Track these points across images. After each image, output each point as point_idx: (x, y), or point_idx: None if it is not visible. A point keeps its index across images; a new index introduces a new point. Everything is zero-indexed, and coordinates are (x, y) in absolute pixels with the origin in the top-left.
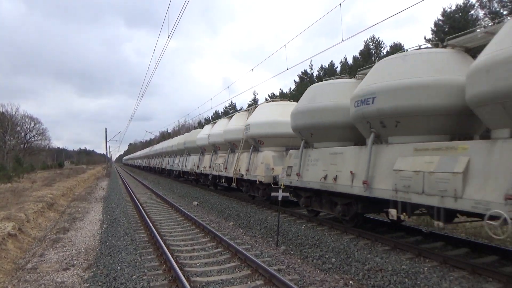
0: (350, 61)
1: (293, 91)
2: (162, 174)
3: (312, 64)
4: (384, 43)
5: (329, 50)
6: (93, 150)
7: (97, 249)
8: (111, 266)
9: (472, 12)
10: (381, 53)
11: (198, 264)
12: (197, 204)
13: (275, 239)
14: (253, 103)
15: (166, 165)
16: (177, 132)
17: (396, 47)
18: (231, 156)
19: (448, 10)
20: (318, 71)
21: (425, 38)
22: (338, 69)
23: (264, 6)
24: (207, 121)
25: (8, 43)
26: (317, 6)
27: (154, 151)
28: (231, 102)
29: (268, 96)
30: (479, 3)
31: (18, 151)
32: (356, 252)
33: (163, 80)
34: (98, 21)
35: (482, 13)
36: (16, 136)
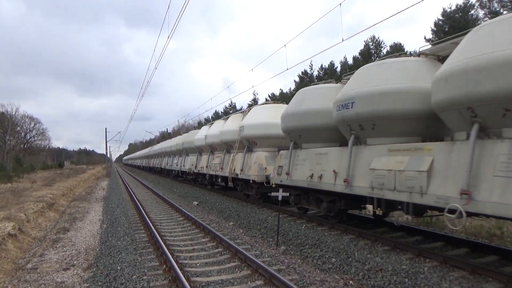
0: (350, 61)
1: (293, 91)
2: (162, 174)
3: (312, 64)
4: (384, 43)
5: (329, 50)
6: (93, 150)
7: (97, 249)
8: (111, 266)
9: (472, 12)
10: (381, 53)
11: (198, 264)
12: (197, 204)
13: (275, 239)
14: (253, 103)
15: (165, 165)
16: (177, 132)
17: (396, 47)
18: (227, 156)
19: (448, 10)
20: (318, 71)
21: (425, 38)
22: (338, 69)
23: (264, 6)
24: (207, 121)
25: (8, 43)
26: (317, 6)
27: (154, 151)
28: (231, 102)
29: (268, 96)
30: (479, 3)
31: (18, 151)
32: (356, 252)
33: (163, 80)
34: (98, 21)
35: (482, 13)
36: (16, 136)
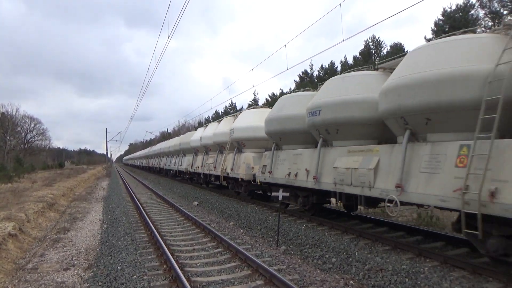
0: (351, 61)
1: (293, 91)
2: (161, 174)
3: (312, 64)
4: (384, 43)
5: (329, 50)
6: (94, 150)
7: (98, 249)
8: (112, 266)
9: (472, 12)
10: (382, 53)
11: (199, 264)
12: (198, 204)
13: (276, 239)
14: (254, 103)
15: (164, 165)
16: (177, 132)
17: (396, 47)
18: (220, 157)
19: (448, 10)
20: (319, 71)
21: (425, 38)
22: (339, 69)
23: (264, 6)
24: (208, 121)
25: (8, 43)
26: (317, 6)
27: (153, 152)
28: (231, 102)
29: (269, 96)
30: (479, 3)
31: (19, 151)
32: (357, 252)
33: (164, 80)
34: (98, 21)
35: (482, 13)
36: (17, 136)
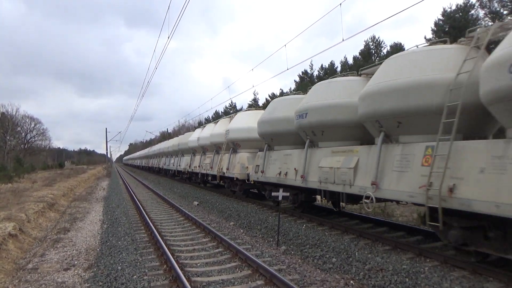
0: (351, 61)
1: (293, 91)
2: (160, 174)
3: (313, 64)
4: (384, 43)
5: (330, 50)
6: (94, 150)
7: (98, 249)
8: (112, 266)
9: (473, 12)
10: (382, 53)
11: (199, 264)
12: (198, 204)
13: (276, 239)
14: (254, 103)
15: (163, 165)
16: (178, 132)
17: (397, 47)
18: (216, 157)
19: (448, 10)
20: (319, 71)
21: (425, 38)
22: (339, 69)
23: (264, 6)
24: (208, 121)
25: (8, 43)
26: (317, 6)
27: (153, 152)
28: (232, 102)
29: (269, 96)
30: (479, 3)
31: (19, 151)
32: (357, 252)
33: (164, 80)
34: (98, 21)
35: (483, 13)
36: (17, 136)
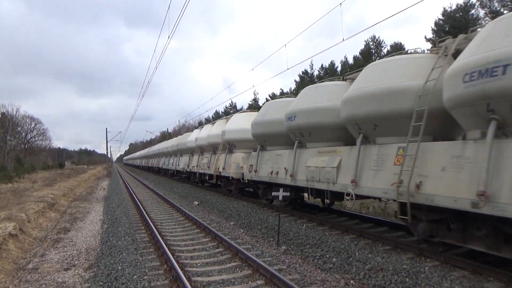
0: (351, 61)
1: (293, 91)
2: (160, 173)
3: (313, 64)
4: (385, 43)
5: (330, 50)
6: (94, 150)
7: (98, 249)
8: (112, 266)
9: (473, 12)
10: (382, 53)
11: (199, 264)
12: (198, 204)
13: (276, 239)
14: (254, 103)
15: (163, 165)
16: (178, 132)
17: (397, 47)
18: (213, 157)
19: (449, 10)
20: (319, 71)
21: (426, 38)
22: (339, 69)
23: (264, 6)
24: (208, 121)
25: (8, 43)
26: (317, 6)
27: (152, 152)
28: (232, 102)
29: (269, 96)
30: (480, 3)
31: (19, 151)
32: (357, 252)
33: (164, 80)
34: (98, 21)
35: (483, 13)
36: (17, 136)
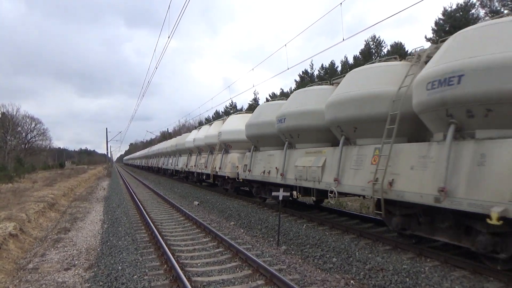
0: (351, 61)
1: (294, 91)
2: (159, 173)
3: (313, 64)
4: (385, 42)
5: (330, 50)
6: (94, 150)
7: (98, 249)
8: (112, 266)
9: (473, 11)
10: (382, 52)
11: (199, 264)
12: (198, 204)
13: (276, 239)
14: (254, 103)
15: (162, 165)
16: (178, 132)
17: (397, 46)
18: (210, 157)
19: (449, 9)
20: (319, 71)
21: (426, 38)
22: (339, 69)
23: (264, 6)
24: (208, 121)
25: (8, 43)
26: (317, 6)
27: (152, 152)
28: (232, 102)
29: (269, 96)
30: (480, 2)
31: (19, 151)
32: (357, 252)
33: (164, 80)
34: (98, 21)
35: (483, 12)
36: (17, 136)
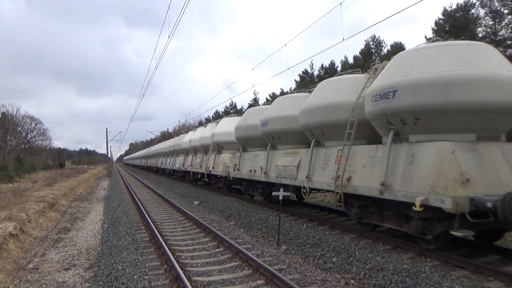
0: (351, 61)
1: (294, 91)
2: (158, 173)
3: (313, 64)
4: (385, 42)
5: (330, 50)
6: (94, 150)
7: (98, 249)
8: (112, 266)
9: (473, 11)
10: (382, 52)
11: (199, 264)
12: (198, 204)
13: (276, 239)
14: (254, 103)
15: (161, 165)
16: (178, 132)
17: (397, 46)
18: (205, 157)
19: (449, 9)
20: (319, 71)
21: (426, 37)
22: (339, 69)
23: (264, 6)
24: (208, 121)
25: (8, 43)
26: (317, 6)
27: (151, 152)
28: (232, 102)
29: (269, 96)
30: (480, 2)
31: (19, 151)
32: (357, 252)
33: (164, 80)
34: (98, 21)
35: (483, 12)
36: (17, 136)
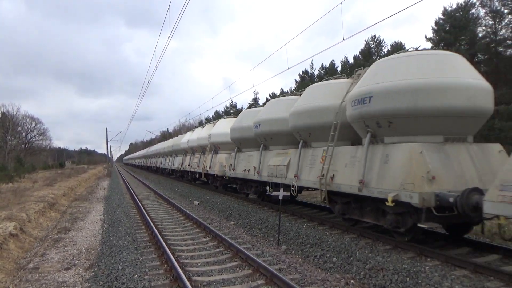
0: (351, 60)
1: (294, 90)
2: (158, 173)
3: (313, 63)
4: (385, 42)
5: (330, 49)
6: (94, 150)
7: (99, 249)
8: (113, 266)
9: (473, 11)
10: (382, 52)
11: (199, 264)
12: (198, 204)
13: (276, 239)
14: (254, 103)
15: (160, 164)
16: (178, 132)
17: (397, 46)
18: (202, 157)
19: (449, 9)
20: (319, 70)
21: (426, 37)
22: (339, 68)
23: (264, 6)
24: (208, 121)
25: (8, 43)
26: (317, 6)
27: (151, 152)
28: (232, 102)
29: (269, 95)
30: (480, 2)
31: (19, 151)
32: (357, 252)
33: (164, 80)
34: (98, 21)
35: (483, 12)
36: (17, 136)
